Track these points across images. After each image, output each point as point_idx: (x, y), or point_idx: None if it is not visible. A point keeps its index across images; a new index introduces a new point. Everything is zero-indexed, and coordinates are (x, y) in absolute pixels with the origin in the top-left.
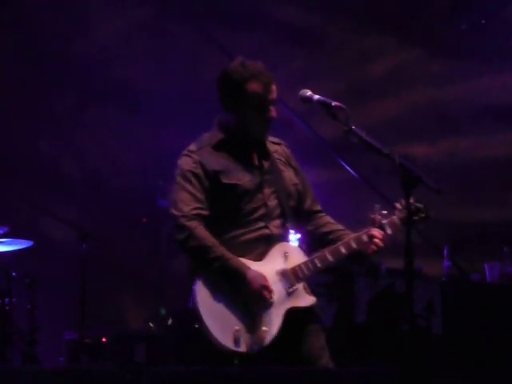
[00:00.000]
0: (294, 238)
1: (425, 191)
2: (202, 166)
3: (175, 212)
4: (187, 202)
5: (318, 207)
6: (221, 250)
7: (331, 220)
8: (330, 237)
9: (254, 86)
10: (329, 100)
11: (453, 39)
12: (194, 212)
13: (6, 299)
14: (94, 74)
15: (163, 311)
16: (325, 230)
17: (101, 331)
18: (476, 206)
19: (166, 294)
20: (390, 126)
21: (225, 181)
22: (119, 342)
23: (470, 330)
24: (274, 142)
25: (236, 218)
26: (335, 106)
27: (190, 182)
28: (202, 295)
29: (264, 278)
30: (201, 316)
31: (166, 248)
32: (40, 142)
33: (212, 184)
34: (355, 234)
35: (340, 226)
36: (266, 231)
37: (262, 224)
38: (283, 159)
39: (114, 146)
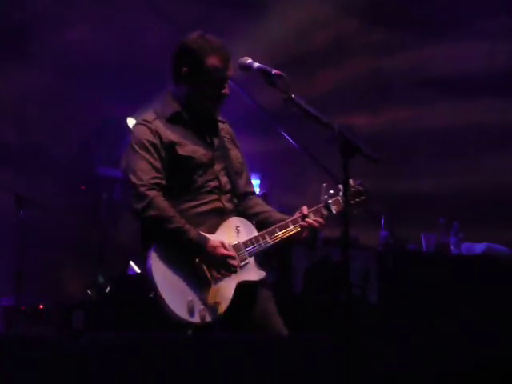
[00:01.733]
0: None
1: (363, 160)
2: (159, 135)
3: (134, 180)
4: (146, 171)
5: (251, 189)
6: (181, 221)
7: (261, 202)
8: (260, 217)
9: (213, 61)
10: (269, 68)
11: (393, 9)
12: (153, 181)
13: None
14: (36, 39)
15: (101, 278)
16: (254, 210)
17: (38, 298)
18: (414, 176)
19: (105, 262)
20: (330, 96)
21: (181, 152)
22: (57, 309)
23: (406, 299)
24: (220, 121)
25: (189, 190)
26: (275, 74)
27: (148, 151)
28: (157, 266)
29: (223, 245)
30: (156, 286)
31: (105, 215)
32: None
33: (168, 155)
34: (293, 218)
35: (268, 208)
36: (219, 204)
37: (214, 197)
38: (229, 137)
39: (53, 113)
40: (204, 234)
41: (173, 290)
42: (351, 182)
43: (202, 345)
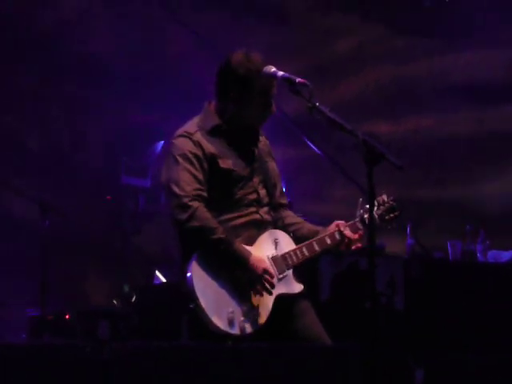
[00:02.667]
0: None
1: (388, 169)
2: (202, 148)
3: (177, 191)
4: (189, 183)
5: (284, 201)
6: (224, 232)
7: (292, 214)
8: (290, 229)
9: (261, 84)
10: (293, 76)
11: (416, 16)
12: (196, 192)
13: None
14: (58, 47)
15: (127, 288)
16: (285, 222)
17: (63, 308)
18: (438, 183)
19: (130, 271)
20: (352, 104)
21: (222, 165)
22: (82, 319)
23: (432, 307)
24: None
25: (228, 202)
26: (299, 82)
27: (191, 162)
28: (198, 276)
29: (265, 262)
30: (196, 296)
31: (129, 225)
32: (2, 116)
33: (209, 167)
34: (329, 231)
35: (299, 219)
36: (257, 216)
37: (253, 209)
38: (266, 149)
39: (78, 122)
40: (246, 247)
41: (213, 301)
42: (385, 197)
43: (230, 354)
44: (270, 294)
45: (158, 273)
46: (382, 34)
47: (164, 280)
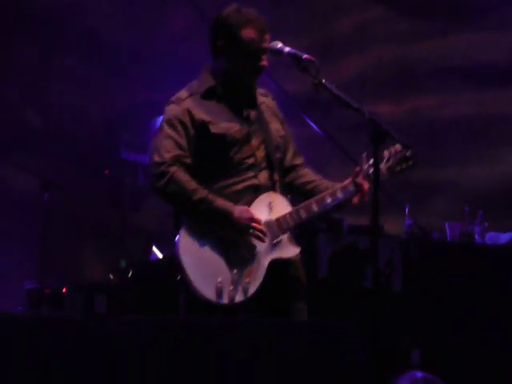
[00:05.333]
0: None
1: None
2: (190, 114)
3: (156, 159)
4: (169, 149)
5: (299, 161)
6: (204, 191)
7: (310, 171)
8: (308, 187)
9: (248, 32)
10: (299, 52)
11: None
12: (175, 158)
13: None
14: (58, 24)
15: (124, 263)
16: (302, 180)
17: (61, 282)
18: (439, 165)
19: (127, 246)
20: (353, 84)
21: (213, 130)
22: (79, 293)
23: (430, 288)
24: (261, 94)
25: (224, 168)
26: (306, 58)
27: (175, 129)
28: (185, 246)
29: (249, 211)
30: (183, 267)
31: (128, 200)
32: (2, 91)
33: (199, 133)
34: (341, 184)
35: (317, 177)
36: (255, 181)
37: (250, 174)
38: (270, 110)
39: (78, 97)
40: (229, 203)
41: (201, 271)
42: (398, 147)
43: (227, 328)
44: (262, 240)
45: (155, 248)
46: (384, 14)
47: (161, 256)
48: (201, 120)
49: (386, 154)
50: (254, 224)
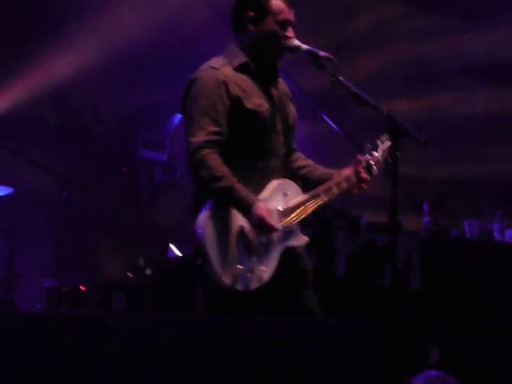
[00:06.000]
0: None
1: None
2: (226, 85)
3: (191, 138)
4: (204, 126)
5: (295, 145)
6: (232, 179)
7: (302, 156)
8: (302, 172)
9: (277, 3)
10: (317, 50)
11: None
12: (209, 138)
13: None
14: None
15: (142, 261)
16: (296, 164)
17: (79, 279)
18: (456, 162)
19: (145, 244)
20: (371, 81)
21: (247, 105)
22: (98, 291)
23: (449, 286)
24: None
25: (251, 148)
26: (323, 56)
27: (211, 102)
28: (207, 231)
29: (269, 212)
30: (206, 251)
31: (145, 198)
32: (20, 90)
33: (233, 107)
34: (345, 175)
35: (310, 161)
36: (276, 163)
37: (273, 155)
38: (285, 92)
39: (94, 94)
40: (254, 196)
41: (220, 256)
42: (383, 137)
43: (245, 327)
44: (269, 233)
45: (172, 246)
46: (401, 11)
47: (179, 253)
48: (235, 93)
49: (378, 143)
50: (263, 224)
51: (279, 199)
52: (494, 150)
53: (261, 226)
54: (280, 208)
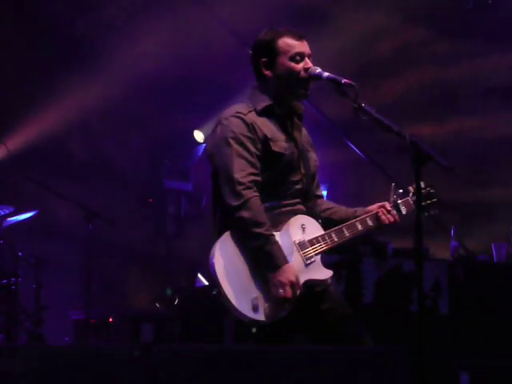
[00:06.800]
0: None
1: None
2: (255, 129)
3: (232, 176)
4: (243, 168)
5: (320, 193)
6: (270, 230)
7: (327, 201)
8: (326, 214)
9: (284, 41)
10: (338, 77)
11: (459, 18)
12: (251, 179)
13: (13, 279)
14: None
15: (169, 291)
16: (321, 208)
17: (107, 311)
18: (483, 186)
19: (172, 275)
20: (395, 106)
21: (274, 148)
22: (126, 323)
23: (477, 310)
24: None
25: (277, 188)
26: (345, 83)
27: (245, 146)
28: (221, 261)
29: (294, 275)
30: (218, 283)
31: (171, 228)
32: (47, 122)
33: (262, 149)
34: (372, 212)
35: (335, 205)
36: (301, 207)
37: (297, 200)
38: (306, 139)
39: (119, 125)
40: (286, 257)
41: (236, 287)
42: (422, 184)
43: (273, 357)
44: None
45: (200, 276)
46: (424, 35)
47: (206, 283)
48: (264, 136)
49: (410, 189)
50: (289, 287)
51: (297, 232)
52: None
53: (283, 284)
54: (296, 240)
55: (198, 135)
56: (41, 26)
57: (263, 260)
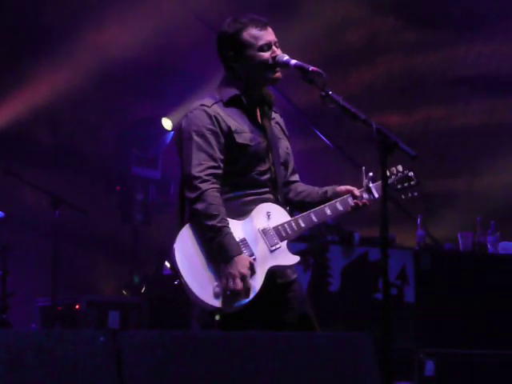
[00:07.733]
0: None
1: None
2: (218, 122)
3: (189, 171)
4: (202, 162)
5: (295, 178)
6: (224, 222)
7: (301, 184)
8: (299, 197)
9: (249, 33)
10: (306, 65)
11: (427, 8)
12: (208, 172)
13: None
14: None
15: (137, 279)
16: (294, 192)
17: (74, 298)
18: (450, 175)
19: (139, 262)
20: (363, 95)
21: (238, 140)
22: (93, 310)
23: (443, 298)
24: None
25: (243, 179)
26: (312, 70)
27: (206, 140)
28: (182, 251)
29: (249, 266)
30: (180, 272)
31: (139, 216)
32: (14, 108)
33: (226, 142)
34: (342, 197)
35: (306, 187)
36: (269, 196)
37: (265, 189)
38: (279, 126)
39: (86, 113)
40: (239, 247)
41: (197, 275)
42: (400, 167)
43: (238, 342)
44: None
45: (167, 263)
46: (393, 24)
47: None
48: (228, 128)
49: (393, 170)
50: (239, 280)
51: (261, 220)
52: (489, 162)
53: (233, 279)
54: (261, 228)
55: (167, 123)
56: (8, 12)
57: (216, 251)
